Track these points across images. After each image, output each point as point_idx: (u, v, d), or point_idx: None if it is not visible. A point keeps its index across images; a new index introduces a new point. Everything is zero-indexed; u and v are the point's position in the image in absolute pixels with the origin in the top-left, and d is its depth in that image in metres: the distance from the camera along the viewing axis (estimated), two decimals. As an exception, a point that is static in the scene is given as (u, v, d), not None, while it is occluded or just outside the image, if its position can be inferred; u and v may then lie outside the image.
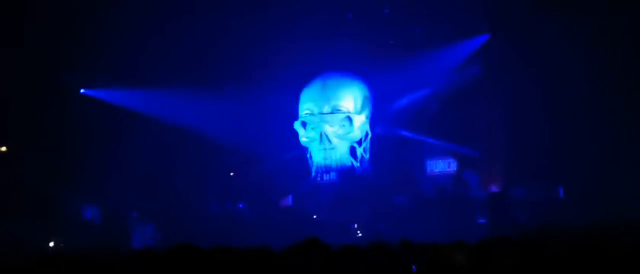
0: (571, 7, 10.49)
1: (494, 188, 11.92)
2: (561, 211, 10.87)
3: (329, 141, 12.70)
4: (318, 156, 12.90)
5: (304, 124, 12.91)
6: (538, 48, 11.13)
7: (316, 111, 12.81)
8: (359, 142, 12.87)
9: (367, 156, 12.99)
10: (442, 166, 12.87)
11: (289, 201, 13.08)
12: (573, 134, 10.89)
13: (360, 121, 12.80)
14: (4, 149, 12.33)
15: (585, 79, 10.74)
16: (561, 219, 10.41)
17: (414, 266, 4.64)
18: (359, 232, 11.76)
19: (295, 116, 13.08)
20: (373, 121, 13.11)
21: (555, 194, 11.39)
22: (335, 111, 12.73)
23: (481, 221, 11.43)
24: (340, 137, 12.75)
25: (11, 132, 12.20)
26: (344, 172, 12.86)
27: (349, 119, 12.69)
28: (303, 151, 13.13)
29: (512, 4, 11.14)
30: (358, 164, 12.89)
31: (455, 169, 12.72)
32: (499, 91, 12.02)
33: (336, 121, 12.72)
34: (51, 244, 11.26)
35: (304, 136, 12.92)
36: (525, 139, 11.43)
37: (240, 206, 13.03)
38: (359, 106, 12.85)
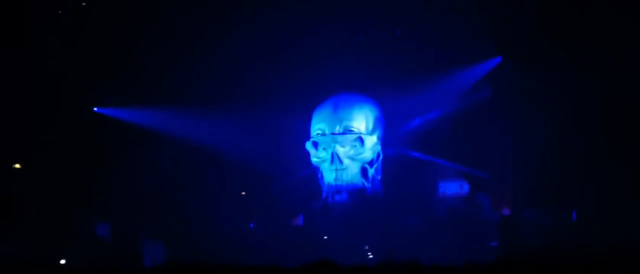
0: (582, 30, 10.53)
1: (506, 210, 11.87)
2: (573, 234, 10.81)
3: (340, 161, 12.70)
4: (329, 176, 12.90)
5: (315, 144, 12.93)
6: (549, 70, 11.15)
7: (328, 131, 12.83)
8: (371, 163, 12.87)
9: (378, 177, 12.98)
10: (454, 188, 12.84)
11: (299, 220, 13.07)
12: (585, 156, 10.87)
13: (372, 141, 12.81)
14: (17, 166, 12.42)
15: (596, 101, 10.74)
16: (573, 242, 10.35)
17: None
18: (369, 253, 11.73)
19: (307, 136, 13.11)
20: (384, 141, 13.11)
21: (567, 217, 11.33)
22: (346, 131, 12.75)
23: (493, 243, 11.37)
24: (351, 158, 12.75)
25: (24, 149, 12.29)
26: (355, 192, 12.85)
27: (361, 139, 12.70)
28: (314, 171, 13.13)
29: (523, 27, 11.19)
30: (369, 185, 12.88)
31: (467, 191, 12.69)
32: (511, 112, 12.03)
33: (348, 141, 12.73)
34: (62, 261, 11.27)
35: (315, 156, 12.94)
36: (538, 161, 11.41)
37: (251, 225, 13.03)
38: (370, 126, 12.87)
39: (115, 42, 11.97)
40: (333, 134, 12.77)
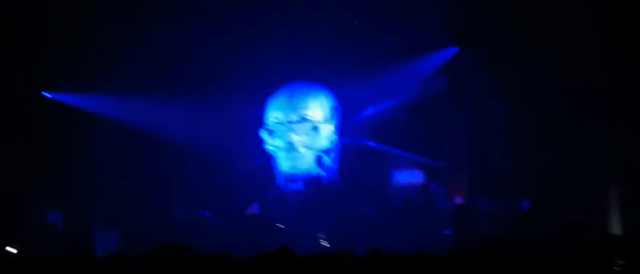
0: (541, 22, 10.68)
1: (460, 200, 12.02)
2: (526, 223, 11.00)
3: (296, 149, 12.70)
4: (284, 165, 12.89)
5: (270, 132, 12.89)
6: (506, 61, 11.28)
7: (283, 119, 12.81)
8: (327, 152, 12.89)
9: (334, 166, 13.01)
10: (408, 177, 12.95)
11: (255, 209, 13.03)
12: (539, 147, 11.04)
13: (328, 129, 12.83)
14: None
15: (552, 92, 10.92)
16: (525, 230, 10.54)
17: None
18: (325, 242, 11.76)
19: (261, 124, 13.05)
20: (341, 130, 13.14)
21: (520, 206, 11.52)
22: (302, 119, 12.74)
23: (446, 232, 11.51)
24: (307, 146, 12.76)
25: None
26: (311, 181, 12.87)
27: (316, 128, 12.71)
28: (268, 159, 13.09)
29: (481, 17, 11.29)
30: (325, 174, 12.90)
31: (422, 180, 12.81)
32: (466, 103, 12.15)
33: (303, 129, 12.74)
34: (12, 250, 11.03)
35: (270, 144, 12.90)
36: (491, 152, 11.57)
37: (206, 213, 12.93)
38: (326, 115, 12.89)
39: (65, 25, 11.67)
40: (289, 122, 12.75)
